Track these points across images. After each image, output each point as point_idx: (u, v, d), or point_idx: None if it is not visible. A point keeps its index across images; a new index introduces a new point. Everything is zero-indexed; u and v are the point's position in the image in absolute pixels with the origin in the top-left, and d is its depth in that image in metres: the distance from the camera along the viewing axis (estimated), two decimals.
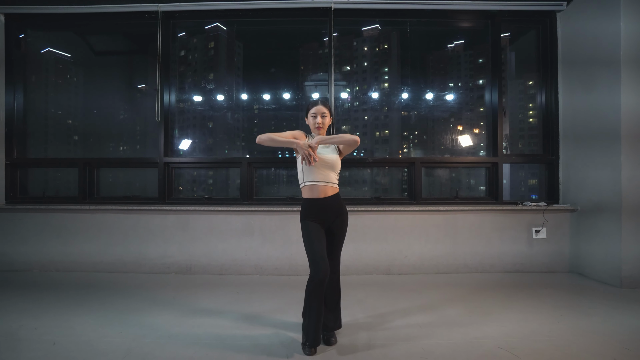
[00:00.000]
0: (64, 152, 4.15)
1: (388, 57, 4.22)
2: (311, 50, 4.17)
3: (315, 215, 1.99)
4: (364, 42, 4.24)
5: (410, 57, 4.08)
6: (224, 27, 4.09)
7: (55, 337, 2.08)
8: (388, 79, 4.24)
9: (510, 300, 2.76)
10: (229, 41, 4.13)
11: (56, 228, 3.60)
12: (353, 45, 4.26)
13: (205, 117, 4.18)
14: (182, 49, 4.17)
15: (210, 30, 4.12)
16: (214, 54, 4.17)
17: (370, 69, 4.26)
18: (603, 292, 2.94)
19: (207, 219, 3.56)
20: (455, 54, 4.21)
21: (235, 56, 4.17)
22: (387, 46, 4.20)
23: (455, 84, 4.22)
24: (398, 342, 2.05)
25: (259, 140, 1.96)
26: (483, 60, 4.02)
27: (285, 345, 2.01)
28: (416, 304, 2.69)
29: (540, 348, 1.97)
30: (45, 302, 2.67)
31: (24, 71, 3.99)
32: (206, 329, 2.24)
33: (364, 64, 4.27)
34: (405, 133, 4.25)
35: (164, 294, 2.91)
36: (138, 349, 1.95)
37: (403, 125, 4.20)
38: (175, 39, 4.02)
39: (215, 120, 4.19)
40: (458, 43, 4.19)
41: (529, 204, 3.64)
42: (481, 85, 4.07)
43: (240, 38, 4.15)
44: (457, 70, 4.22)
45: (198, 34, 4.17)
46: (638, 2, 3.01)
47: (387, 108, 4.20)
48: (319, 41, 4.10)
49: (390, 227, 3.54)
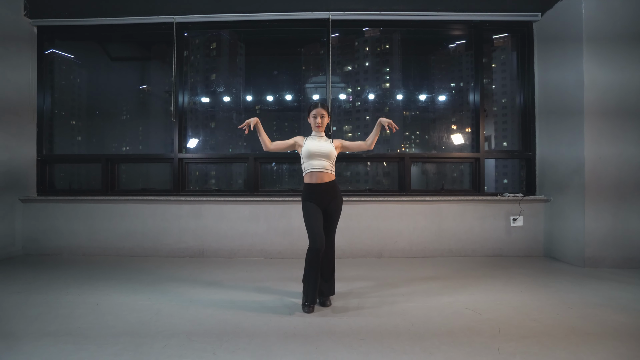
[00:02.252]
0: (72, 149, 4.61)
1: (388, 58, 4.61)
2: (313, 51, 4.57)
3: (314, 197, 2.39)
4: (365, 43, 4.64)
5: (406, 60, 4.50)
6: (227, 37, 4.54)
7: (97, 300, 2.51)
8: (389, 80, 4.65)
9: (485, 277, 3.16)
10: (231, 43, 4.56)
11: (83, 217, 4.03)
12: (354, 46, 4.67)
13: (210, 117, 4.62)
14: (187, 50, 4.59)
15: (215, 37, 4.56)
16: (217, 56, 4.61)
17: (371, 69, 4.66)
18: (567, 271, 3.33)
19: (217, 209, 3.98)
20: (454, 56, 4.61)
21: (238, 58, 4.61)
22: (389, 46, 4.60)
23: (452, 85, 4.62)
24: (383, 305, 2.45)
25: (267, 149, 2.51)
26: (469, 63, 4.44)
27: (288, 306, 2.42)
28: (402, 279, 3.10)
29: (500, 308, 2.37)
30: (81, 278, 3.10)
31: (52, 76, 4.43)
32: (221, 296, 2.65)
33: (365, 64, 4.67)
34: (407, 133, 4.67)
35: (182, 272, 3.33)
36: (166, 309, 2.36)
37: (403, 125, 4.62)
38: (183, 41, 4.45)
39: (220, 120, 4.62)
40: (453, 46, 4.59)
41: (508, 195, 4.03)
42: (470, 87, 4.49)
43: (246, 43, 4.58)
44: (458, 72, 4.61)
45: (202, 36, 4.61)
46: (597, 16, 3.40)
47: (387, 109, 4.61)
48: (320, 42, 4.48)
49: (382, 215, 3.94)
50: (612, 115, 3.39)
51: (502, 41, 4.49)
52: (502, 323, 2.12)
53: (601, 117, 3.40)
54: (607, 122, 3.40)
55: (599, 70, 3.39)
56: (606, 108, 3.39)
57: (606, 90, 3.39)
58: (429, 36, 4.56)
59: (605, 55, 3.39)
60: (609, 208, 3.39)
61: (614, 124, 3.40)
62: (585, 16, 3.38)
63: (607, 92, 3.39)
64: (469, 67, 4.48)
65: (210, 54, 4.62)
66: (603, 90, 3.39)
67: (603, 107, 3.40)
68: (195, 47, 4.60)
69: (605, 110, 3.39)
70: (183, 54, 4.41)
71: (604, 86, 3.39)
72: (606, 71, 3.39)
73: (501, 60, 4.55)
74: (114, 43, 4.70)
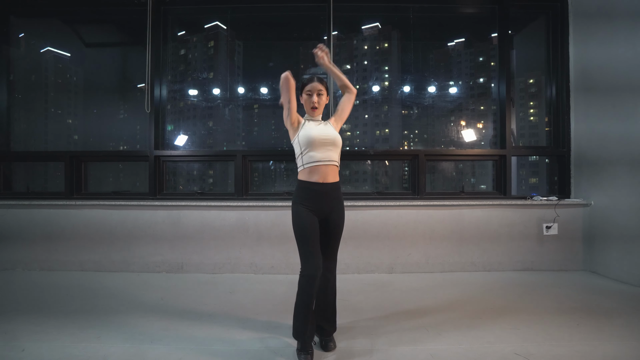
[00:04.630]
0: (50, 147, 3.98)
1: (388, 54, 4.01)
2: (310, 49, 3.96)
3: (311, 201, 1.79)
4: (364, 41, 4.04)
5: (412, 51, 3.88)
6: (223, 26, 3.89)
7: (27, 341, 1.90)
8: (388, 77, 4.04)
9: (523, 300, 2.57)
10: (228, 39, 3.94)
11: (41, 224, 3.41)
12: (353, 44, 4.07)
13: (200, 109, 3.98)
14: (181, 47, 3.97)
15: (210, 29, 3.94)
16: (214, 52, 3.98)
17: (370, 67, 4.06)
18: (621, 292, 2.74)
19: (199, 215, 3.37)
20: (457, 52, 4.01)
21: (236, 55, 3.97)
22: (387, 45, 4.00)
23: (457, 80, 4.01)
24: (402, 345, 1.86)
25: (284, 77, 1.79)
26: (484, 58, 3.86)
27: (277, 352, 1.82)
28: (422, 304, 2.50)
29: (560, 354, 1.78)
30: (21, 304, 2.49)
31: (9, 63, 3.80)
32: (194, 331, 2.05)
33: (364, 62, 4.07)
34: (405, 132, 4.06)
35: (153, 294, 2.73)
36: (116, 356, 1.76)
37: (404, 123, 4.01)
38: (168, 26, 3.82)
39: (212, 114, 4.00)
40: (459, 41, 3.98)
41: (540, 198, 3.45)
42: (481, 83, 3.89)
43: (237, 29, 3.95)
44: (458, 65, 4.02)
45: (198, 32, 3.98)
46: None
47: (387, 107, 4.00)
48: (319, 40, 3.89)
49: (393, 223, 3.35)
50: None
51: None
52: None
53: None
54: None
55: None
56: None
57: None
58: (443, 15, 3.92)
59: None
60: None
61: None
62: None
63: None
64: (473, 58, 3.90)
65: (207, 50, 3.98)
66: None
67: None
68: (177, 27, 3.96)
69: None
70: (160, 36, 3.76)
71: None
72: None
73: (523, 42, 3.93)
74: (85, 24, 4.05)
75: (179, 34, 3.96)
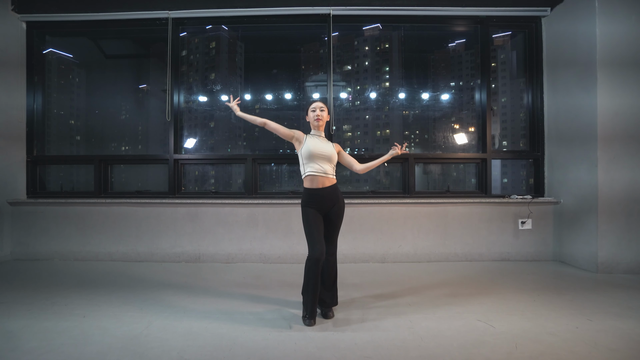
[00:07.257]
0: (70, 150, 4.47)
1: (389, 57, 4.46)
2: (312, 50, 4.42)
3: (315, 203, 2.24)
4: (365, 42, 4.49)
5: (407, 59, 4.34)
6: (225, 28, 4.37)
7: (85, 311, 2.36)
8: (389, 79, 4.49)
9: (494, 284, 3.01)
10: (230, 41, 4.40)
11: (74, 220, 3.88)
12: (354, 45, 4.51)
13: (209, 117, 4.45)
14: (186, 49, 4.43)
15: (211, 30, 4.40)
16: (216, 55, 4.45)
17: (371, 68, 4.51)
18: (579, 277, 3.19)
19: (214, 212, 3.82)
20: (455, 54, 4.46)
21: (237, 57, 4.44)
22: (388, 45, 4.45)
23: (452, 84, 4.47)
24: (389, 316, 2.31)
25: (267, 126, 2.39)
26: (469, 71, 4.31)
27: (287, 319, 2.27)
28: (407, 286, 2.95)
29: (513, 319, 2.22)
30: (70, 286, 2.95)
31: (43, 74, 4.27)
32: (217, 306, 2.50)
33: (364, 64, 4.52)
34: (406, 132, 4.51)
35: (177, 279, 3.18)
36: (158, 322, 2.21)
37: (404, 125, 4.46)
38: (180, 41, 4.29)
39: (219, 120, 4.46)
40: (454, 45, 4.44)
41: (516, 197, 3.89)
42: (472, 86, 4.33)
43: (244, 41, 4.42)
44: (458, 70, 4.47)
45: (200, 34, 4.44)
46: (612, 10, 3.24)
47: (387, 108, 4.45)
48: (320, 41, 4.33)
49: (386, 218, 3.79)
50: (630, 131, 3.25)
51: (501, 40, 4.33)
52: (517, 337, 1.98)
53: (612, 118, 3.26)
54: (620, 129, 3.25)
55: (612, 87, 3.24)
56: (622, 125, 3.25)
57: (619, 110, 3.25)
58: (432, 32, 4.39)
59: (618, 71, 3.24)
60: (622, 210, 3.25)
61: (628, 138, 3.25)
62: (599, 10, 3.23)
63: (621, 109, 3.25)
64: (468, 66, 4.35)
65: (210, 53, 4.46)
66: (618, 104, 3.25)
67: (617, 122, 3.25)
68: (193, 46, 4.44)
69: (621, 128, 3.25)
70: (180, 52, 4.24)
71: (618, 102, 3.25)
72: (620, 93, 3.25)
73: (501, 59, 4.41)
74: (109, 39, 4.53)
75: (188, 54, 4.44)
